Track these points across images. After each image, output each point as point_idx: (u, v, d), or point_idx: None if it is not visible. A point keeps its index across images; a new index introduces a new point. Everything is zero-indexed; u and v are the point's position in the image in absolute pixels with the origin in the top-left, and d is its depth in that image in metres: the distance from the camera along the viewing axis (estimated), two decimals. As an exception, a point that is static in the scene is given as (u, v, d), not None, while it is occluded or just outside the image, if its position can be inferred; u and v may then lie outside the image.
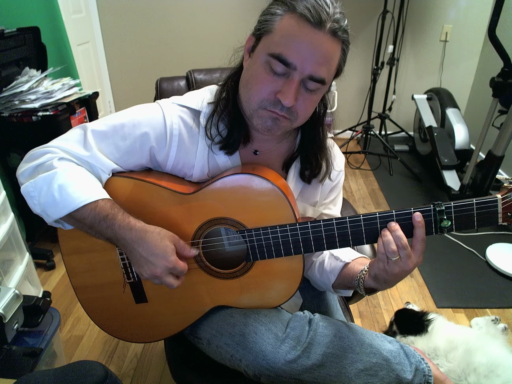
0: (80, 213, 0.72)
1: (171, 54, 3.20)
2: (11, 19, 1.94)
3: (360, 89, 3.27)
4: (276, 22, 0.70)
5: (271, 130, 0.76)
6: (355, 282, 0.83)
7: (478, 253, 2.00)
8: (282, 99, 0.71)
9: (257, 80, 0.72)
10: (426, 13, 3.03)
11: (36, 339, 1.03)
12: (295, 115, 0.74)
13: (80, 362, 0.71)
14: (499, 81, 2.04)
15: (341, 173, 0.96)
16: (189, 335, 0.92)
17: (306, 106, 0.74)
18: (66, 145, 0.77)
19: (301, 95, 0.72)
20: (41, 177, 0.73)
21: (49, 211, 0.73)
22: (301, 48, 0.67)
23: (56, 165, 0.73)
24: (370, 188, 2.74)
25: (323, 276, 0.92)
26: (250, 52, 0.77)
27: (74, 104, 1.88)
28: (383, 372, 0.81)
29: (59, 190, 0.71)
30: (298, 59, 0.68)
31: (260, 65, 0.71)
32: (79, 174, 0.75)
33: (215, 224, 0.80)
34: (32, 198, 0.74)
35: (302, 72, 0.69)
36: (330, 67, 0.71)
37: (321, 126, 0.86)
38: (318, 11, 0.66)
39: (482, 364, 1.16)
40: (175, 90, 1.24)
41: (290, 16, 0.68)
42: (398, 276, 0.72)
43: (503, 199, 0.70)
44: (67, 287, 1.79)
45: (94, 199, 0.72)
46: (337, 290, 0.92)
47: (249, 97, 0.75)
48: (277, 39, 0.69)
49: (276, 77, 0.70)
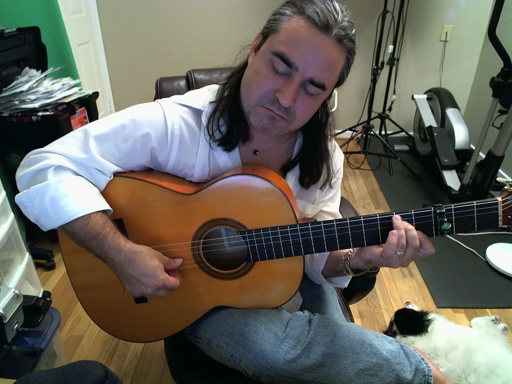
0: (72, 227, 0.73)
1: (171, 54, 3.20)
2: (11, 19, 1.94)
3: (360, 89, 3.27)
4: (284, 22, 0.70)
5: (267, 129, 0.76)
6: (341, 264, 0.84)
7: (478, 253, 2.00)
8: (280, 99, 0.71)
9: (258, 77, 0.73)
10: (426, 13, 3.03)
11: (36, 339, 1.03)
12: (293, 116, 0.74)
13: (80, 362, 0.71)
14: (499, 81, 2.04)
15: (340, 172, 0.96)
16: (189, 335, 0.92)
17: (305, 109, 0.74)
18: (65, 150, 0.77)
19: (301, 97, 0.72)
20: (34, 188, 0.73)
21: (42, 222, 0.74)
22: (305, 50, 0.68)
23: (50, 177, 0.73)
24: (370, 188, 2.74)
25: (314, 264, 0.94)
26: (256, 49, 0.77)
27: (74, 104, 1.88)
28: (383, 372, 0.81)
29: (51, 203, 0.72)
30: (301, 61, 0.68)
31: (263, 63, 0.72)
32: (73, 186, 0.74)
33: (215, 224, 0.80)
34: (25, 208, 0.75)
35: (303, 74, 0.69)
36: (332, 73, 0.71)
37: (323, 132, 0.86)
38: (327, 16, 0.67)
39: (482, 364, 1.16)
40: (175, 90, 1.24)
41: (298, 18, 0.69)
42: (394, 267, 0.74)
43: (503, 202, 0.70)
44: (67, 287, 1.79)
45: (86, 213, 0.72)
46: (329, 280, 0.92)
47: (249, 93, 0.75)
48: (282, 38, 0.69)
49: (277, 75, 0.71)
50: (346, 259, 0.83)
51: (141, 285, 0.74)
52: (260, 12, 2.90)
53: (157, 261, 0.76)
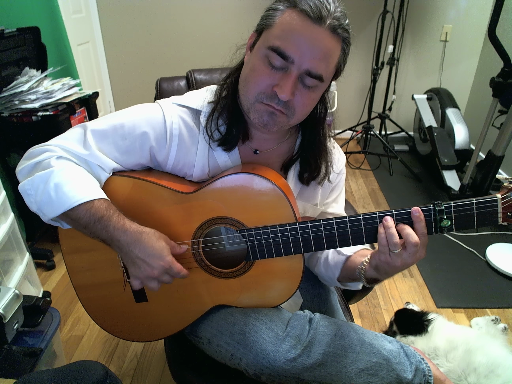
0: (76, 213, 0.72)
1: (171, 54, 3.20)
2: (11, 19, 1.94)
3: (360, 89, 3.27)
4: (277, 17, 0.71)
5: (267, 125, 0.76)
6: (357, 273, 0.83)
7: (478, 253, 2.00)
8: (278, 93, 0.71)
9: (255, 73, 0.72)
10: (426, 13, 3.03)
11: (36, 339, 1.03)
12: (292, 110, 0.74)
13: (80, 362, 0.71)
14: (499, 81, 2.04)
15: (342, 173, 0.96)
16: (189, 334, 0.92)
17: (304, 102, 0.74)
18: (66, 144, 0.77)
19: (299, 90, 0.72)
20: (38, 175, 0.73)
21: (45, 210, 0.73)
22: (300, 42, 0.68)
23: (54, 164, 0.74)
24: (370, 188, 2.74)
25: (328, 271, 0.93)
26: (251, 47, 0.77)
27: (74, 104, 1.88)
28: (383, 372, 0.81)
29: (55, 189, 0.71)
30: (297, 53, 0.68)
31: (259, 59, 0.72)
32: (76, 173, 0.75)
33: (215, 223, 0.80)
34: (29, 196, 0.74)
35: (300, 67, 0.69)
36: (328, 64, 0.71)
37: (322, 127, 0.86)
38: (319, 7, 0.67)
39: (482, 364, 1.16)
40: (175, 90, 1.24)
41: (291, 11, 0.69)
42: (399, 268, 0.73)
43: (503, 199, 0.70)
44: (67, 287, 1.79)
45: (90, 199, 0.72)
46: (345, 284, 0.92)
47: (247, 90, 0.75)
48: (276, 33, 0.70)
49: (274, 70, 0.71)
50: (361, 269, 0.81)
51: (147, 266, 0.73)
52: (260, 12, 2.91)
53: (163, 242, 0.75)
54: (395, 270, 0.74)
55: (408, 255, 0.71)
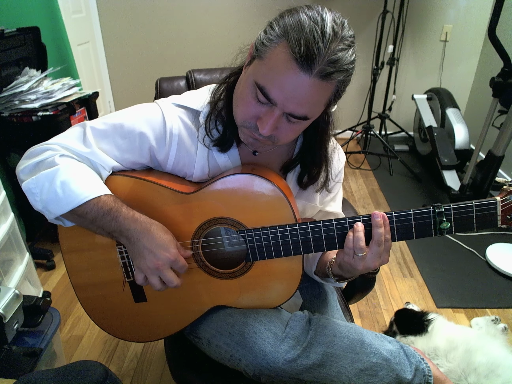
0: (83, 208, 0.72)
1: (171, 54, 3.20)
2: (11, 19, 1.94)
3: (360, 89, 3.27)
4: (268, 51, 0.66)
5: (253, 146, 0.78)
6: (327, 269, 0.84)
7: (478, 253, 2.00)
8: (260, 128, 0.70)
9: (243, 101, 0.72)
10: (426, 13, 3.03)
11: (36, 339, 1.03)
12: (276, 139, 0.73)
13: (80, 362, 0.71)
14: (499, 81, 2.04)
15: (341, 173, 0.96)
16: (189, 334, 0.92)
17: (287, 134, 0.73)
18: (66, 142, 0.77)
19: (283, 123, 0.71)
20: (43, 174, 0.73)
21: (51, 208, 0.73)
22: (284, 87, 0.64)
23: (59, 162, 0.74)
24: (370, 188, 2.74)
25: (307, 264, 0.95)
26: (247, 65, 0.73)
27: (74, 104, 1.88)
28: (383, 372, 0.81)
29: (61, 187, 0.72)
30: (279, 97, 0.66)
31: (247, 87, 0.70)
32: (81, 170, 0.75)
33: (215, 223, 0.80)
34: (33, 194, 0.74)
35: (282, 109, 0.67)
36: (314, 107, 0.69)
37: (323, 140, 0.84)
38: (310, 49, 0.61)
39: (482, 364, 1.16)
40: (175, 90, 1.24)
41: (283, 47, 0.63)
42: (361, 271, 0.74)
43: (502, 202, 0.70)
44: (67, 287, 1.79)
45: (97, 195, 0.73)
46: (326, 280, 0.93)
47: (236, 112, 0.75)
48: (264, 70, 0.66)
49: (259, 104, 0.69)
50: (329, 265, 0.83)
51: (153, 257, 0.72)
52: (260, 12, 2.91)
53: (171, 236, 0.76)
54: (357, 272, 0.75)
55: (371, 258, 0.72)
